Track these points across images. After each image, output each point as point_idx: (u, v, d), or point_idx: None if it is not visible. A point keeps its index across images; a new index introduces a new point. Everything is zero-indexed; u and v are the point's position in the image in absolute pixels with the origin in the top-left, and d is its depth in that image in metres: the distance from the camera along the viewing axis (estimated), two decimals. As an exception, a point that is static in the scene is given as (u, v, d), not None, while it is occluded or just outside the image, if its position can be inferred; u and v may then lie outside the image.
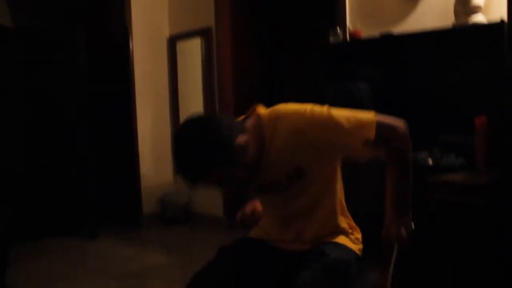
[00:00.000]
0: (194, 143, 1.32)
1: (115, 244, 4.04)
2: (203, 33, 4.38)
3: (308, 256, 1.52)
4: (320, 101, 2.06)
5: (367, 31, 3.09)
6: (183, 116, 4.72)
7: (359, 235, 1.71)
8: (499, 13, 2.52)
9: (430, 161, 2.28)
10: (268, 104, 1.56)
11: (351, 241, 1.65)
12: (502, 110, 2.34)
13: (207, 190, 1.52)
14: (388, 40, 2.88)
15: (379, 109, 2.51)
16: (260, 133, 1.46)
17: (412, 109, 2.78)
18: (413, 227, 1.55)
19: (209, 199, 4.54)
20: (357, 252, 1.63)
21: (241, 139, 1.36)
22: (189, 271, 1.60)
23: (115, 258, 3.69)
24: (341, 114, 1.43)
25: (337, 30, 3.14)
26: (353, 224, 1.71)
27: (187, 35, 4.55)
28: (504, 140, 2.28)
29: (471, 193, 2.06)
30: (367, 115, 1.43)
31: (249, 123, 1.46)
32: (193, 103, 4.59)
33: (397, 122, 1.47)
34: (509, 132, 2.28)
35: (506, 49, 2.29)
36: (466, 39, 2.61)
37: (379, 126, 1.42)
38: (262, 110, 1.52)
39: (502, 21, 2.35)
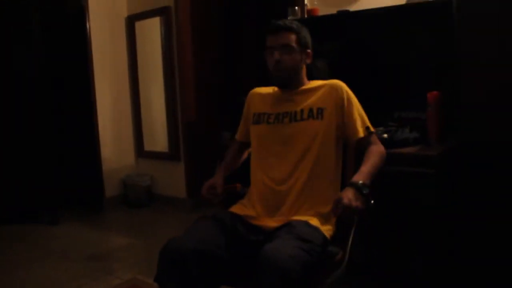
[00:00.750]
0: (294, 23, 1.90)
1: (78, 229, 4.00)
2: (162, 12, 4.32)
3: (279, 229, 1.64)
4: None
5: (325, 10, 3.12)
6: (143, 97, 4.68)
7: (331, 227, 1.78)
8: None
9: (386, 136, 2.35)
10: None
11: (324, 226, 1.73)
12: (452, 85, 2.42)
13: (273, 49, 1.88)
14: (345, 17, 2.93)
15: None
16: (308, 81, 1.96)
17: (368, 85, 2.83)
18: (371, 201, 1.61)
19: (171, 181, 4.54)
20: (326, 235, 1.71)
21: (310, 51, 1.92)
22: (153, 253, 1.63)
23: (77, 242, 3.65)
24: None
25: (295, 8, 3.16)
26: (328, 216, 1.78)
27: (146, 14, 4.48)
28: (454, 113, 2.37)
29: (423, 164, 2.14)
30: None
31: None
32: (153, 83, 4.55)
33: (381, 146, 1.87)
34: (459, 106, 2.37)
35: (456, 25, 2.36)
36: (418, 16, 2.67)
37: (372, 133, 1.87)
38: None
39: (451, -2, 2.42)
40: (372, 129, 1.86)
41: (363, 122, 1.85)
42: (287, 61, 1.82)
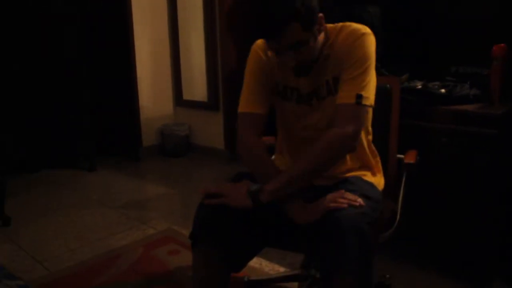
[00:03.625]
0: None
1: (114, 176, 4.00)
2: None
3: (334, 186, 1.45)
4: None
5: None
6: (182, 44, 4.54)
7: (382, 179, 1.68)
8: None
9: (443, 91, 2.15)
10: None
11: (374, 177, 1.63)
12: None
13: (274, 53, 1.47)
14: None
15: (390, 36, 2.37)
16: (325, 33, 1.47)
17: (426, 36, 2.61)
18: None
19: (210, 131, 4.45)
20: (379, 189, 1.62)
21: (321, 15, 1.40)
22: (189, 204, 1.54)
23: (114, 189, 3.65)
24: (373, 67, 1.46)
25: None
26: (377, 167, 1.68)
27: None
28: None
29: (484, 123, 1.94)
30: (372, 92, 1.44)
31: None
32: (193, 30, 4.39)
33: (356, 128, 1.40)
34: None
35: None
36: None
37: (363, 107, 1.41)
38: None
39: None
40: (365, 101, 1.39)
41: (354, 86, 1.40)
42: (303, 55, 1.39)
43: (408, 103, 2.13)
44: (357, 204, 1.30)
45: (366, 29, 1.45)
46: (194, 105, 4.59)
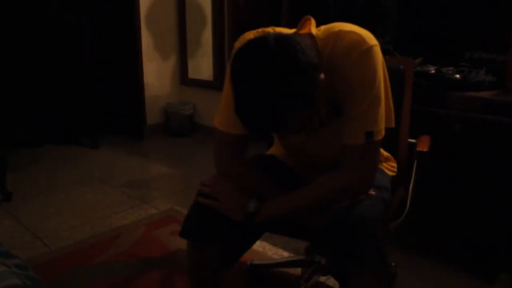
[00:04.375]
0: (273, 76, 0.98)
1: (117, 154, 3.96)
2: None
3: None
4: (343, 9, 1.83)
5: None
6: (190, 24, 4.45)
7: (394, 164, 1.61)
8: None
9: (458, 76, 2.08)
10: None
11: (385, 167, 1.56)
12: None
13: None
14: None
15: (404, 19, 2.28)
16: (316, 49, 1.13)
17: (440, 20, 2.54)
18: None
19: (214, 111, 4.38)
20: (389, 175, 1.55)
21: (322, 76, 1.07)
22: (192, 183, 1.48)
23: (116, 167, 3.61)
24: (381, 90, 1.18)
25: None
26: (388, 154, 1.60)
27: None
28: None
29: (499, 111, 1.88)
30: (382, 119, 1.20)
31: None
32: (200, 8, 4.31)
33: (372, 171, 1.23)
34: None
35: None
36: None
37: (376, 143, 1.20)
38: (314, 28, 1.22)
39: None
40: (377, 135, 1.18)
41: (364, 123, 1.18)
42: (314, 125, 1.17)
43: (421, 88, 2.07)
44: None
45: (366, 42, 1.15)
46: (199, 84, 4.52)
